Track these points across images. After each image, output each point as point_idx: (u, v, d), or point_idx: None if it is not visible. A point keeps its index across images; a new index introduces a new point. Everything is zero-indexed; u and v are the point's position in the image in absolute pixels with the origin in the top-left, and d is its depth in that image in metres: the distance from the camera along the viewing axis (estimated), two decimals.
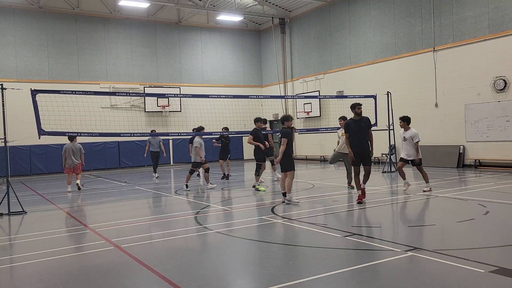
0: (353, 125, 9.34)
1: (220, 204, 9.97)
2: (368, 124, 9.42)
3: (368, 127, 9.37)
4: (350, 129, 9.37)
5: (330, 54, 22.21)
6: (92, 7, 22.34)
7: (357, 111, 9.39)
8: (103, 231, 7.45)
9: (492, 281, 4.35)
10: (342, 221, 7.67)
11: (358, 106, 9.39)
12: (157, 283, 4.76)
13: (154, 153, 17.22)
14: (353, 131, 9.30)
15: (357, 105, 9.41)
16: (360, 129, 9.26)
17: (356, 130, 9.25)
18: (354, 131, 9.28)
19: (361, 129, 9.26)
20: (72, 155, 13.58)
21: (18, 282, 5.18)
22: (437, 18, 16.96)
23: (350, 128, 9.38)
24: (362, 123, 9.31)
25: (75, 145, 13.67)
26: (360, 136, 9.24)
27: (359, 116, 9.39)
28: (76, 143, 13.77)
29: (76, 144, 13.74)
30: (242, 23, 26.31)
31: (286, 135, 9.27)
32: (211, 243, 6.41)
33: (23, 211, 9.60)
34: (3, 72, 20.15)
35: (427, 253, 5.31)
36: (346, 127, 9.50)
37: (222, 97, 13.52)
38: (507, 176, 13.05)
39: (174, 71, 24.52)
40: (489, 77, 15.37)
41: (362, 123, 9.32)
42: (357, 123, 9.33)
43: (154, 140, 17.10)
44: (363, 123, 9.32)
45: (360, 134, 9.24)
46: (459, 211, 8.21)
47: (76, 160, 13.64)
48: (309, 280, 4.56)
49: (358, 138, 9.23)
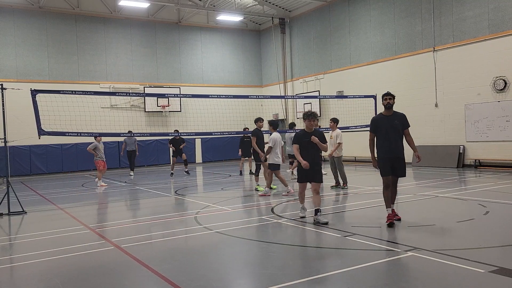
0: (382, 122, 7.12)
1: (220, 204, 9.97)
2: (404, 122, 7.18)
3: (403, 126, 7.16)
4: (377, 128, 7.17)
5: (330, 54, 22.21)
6: (92, 7, 22.34)
7: (384, 103, 7.20)
8: (103, 231, 7.45)
9: (492, 281, 4.35)
10: (342, 221, 7.67)
11: (388, 96, 7.20)
12: (157, 283, 4.76)
13: (129, 152, 18.43)
14: (382, 131, 7.09)
15: (386, 95, 7.24)
16: (392, 128, 7.06)
17: (387, 129, 7.05)
18: (383, 130, 7.07)
19: (393, 128, 7.06)
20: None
21: (18, 282, 5.18)
22: (437, 18, 16.96)
23: (377, 125, 7.18)
24: (395, 120, 7.10)
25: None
26: (391, 137, 7.04)
27: (390, 110, 7.18)
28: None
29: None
30: (242, 23, 26.31)
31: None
32: (211, 243, 6.41)
33: (23, 211, 9.60)
34: (3, 72, 20.15)
35: (427, 253, 5.30)
36: (372, 124, 7.30)
37: (222, 97, 13.53)
38: (507, 176, 13.05)
39: (174, 71, 24.52)
40: (489, 77, 15.37)
41: (395, 120, 7.11)
42: (388, 120, 7.10)
43: (129, 140, 18.30)
44: (396, 120, 7.11)
45: (391, 134, 7.04)
46: (459, 211, 8.21)
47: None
48: (309, 280, 4.56)
49: (388, 140, 7.03)
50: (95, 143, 14.95)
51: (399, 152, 7.07)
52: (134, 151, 18.41)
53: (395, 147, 7.03)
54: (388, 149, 7.02)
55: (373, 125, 7.26)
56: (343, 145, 11.92)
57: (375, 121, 7.27)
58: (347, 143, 20.94)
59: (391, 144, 7.02)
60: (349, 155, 20.17)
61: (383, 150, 7.07)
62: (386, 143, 7.04)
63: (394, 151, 7.03)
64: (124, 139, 18.37)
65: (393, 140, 7.03)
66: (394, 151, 7.03)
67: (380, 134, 7.11)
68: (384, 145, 7.06)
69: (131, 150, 18.40)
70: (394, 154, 7.03)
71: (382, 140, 7.10)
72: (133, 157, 18.55)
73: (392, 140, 7.02)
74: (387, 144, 7.04)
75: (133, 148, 18.35)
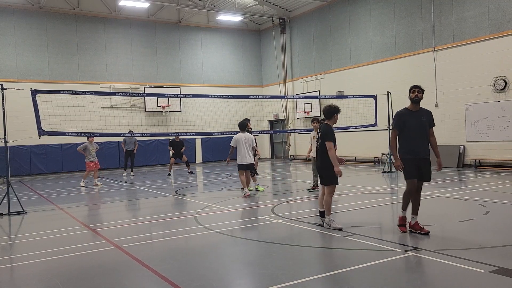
0: (409, 118, 6.30)
1: (220, 204, 9.97)
2: (430, 120, 6.41)
3: (429, 124, 6.38)
4: (405, 124, 6.28)
5: (330, 54, 22.21)
6: (92, 7, 22.34)
7: (411, 96, 6.34)
8: (103, 231, 7.45)
9: (492, 281, 4.35)
10: (342, 221, 7.67)
11: (417, 89, 6.35)
12: (157, 283, 4.76)
13: (129, 152, 18.55)
14: (410, 128, 6.27)
15: (415, 88, 6.37)
16: (419, 125, 6.27)
17: (415, 127, 6.26)
18: (411, 127, 6.27)
19: (420, 126, 6.28)
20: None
21: (18, 282, 5.18)
22: (437, 18, 16.96)
23: (405, 122, 6.28)
24: (422, 117, 6.33)
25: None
26: (419, 135, 6.27)
27: (417, 105, 6.37)
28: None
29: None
30: (242, 23, 26.31)
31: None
32: (211, 243, 6.40)
33: (23, 211, 9.60)
34: (3, 72, 20.15)
35: (427, 253, 5.30)
36: (399, 119, 6.33)
37: (222, 97, 13.51)
38: (507, 176, 13.05)
39: (174, 71, 24.51)
40: (489, 77, 15.37)
41: (422, 116, 6.34)
42: (415, 116, 6.31)
43: (129, 140, 18.45)
44: (423, 117, 6.34)
45: (418, 132, 6.27)
46: (459, 211, 8.21)
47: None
48: (309, 280, 4.56)
49: (416, 138, 6.27)
50: (85, 143, 14.95)
51: (426, 153, 6.29)
52: (133, 150, 18.47)
53: (423, 147, 6.27)
54: (416, 149, 6.24)
55: (399, 120, 6.31)
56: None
57: (402, 116, 6.32)
58: (347, 143, 21.11)
59: (419, 144, 6.25)
60: (349, 155, 20.18)
61: (410, 151, 6.26)
62: (414, 142, 6.24)
63: (422, 152, 6.26)
64: (123, 138, 18.43)
65: (420, 139, 6.27)
66: (422, 152, 6.26)
67: (407, 132, 6.26)
68: (412, 144, 6.24)
69: (130, 150, 18.45)
70: (422, 155, 6.26)
71: (408, 139, 6.27)
72: (132, 157, 18.61)
73: (420, 139, 6.26)
74: (414, 144, 6.24)
75: (132, 148, 18.39)
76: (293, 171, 18.11)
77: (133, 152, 18.56)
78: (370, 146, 19.71)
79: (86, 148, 14.91)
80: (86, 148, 14.91)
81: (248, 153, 10.91)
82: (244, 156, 10.86)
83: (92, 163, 15.04)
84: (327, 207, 6.89)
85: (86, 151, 14.93)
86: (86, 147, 14.90)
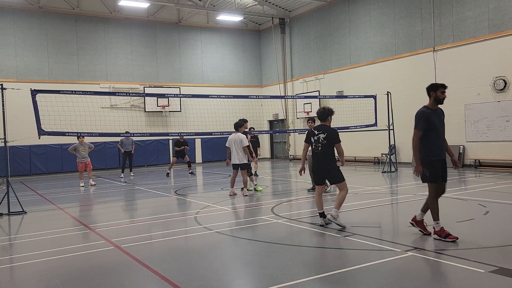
0: (434, 118, 5.95)
1: (220, 204, 9.97)
2: (444, 119, 6.21)
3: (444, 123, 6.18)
4: (432, 124, 5.91)
5: (330, 54, 22.21)
6: (92, 7, 22.34)
7: (441, 97, 6.04)
8: (103, 231, 7.45)
9: (492, 281, 4.35)
10: (342, 221, 7.66)
11: (445, 89, 6.13)
12: (157, 283, 4.76)
13: (127, 153, 18.14)
14: (435, 128, 5.92)
15: (443, 88, 6.12)
16: (441, 124, 6.04)
17: (439, 126, 5.98)
18: (437, 127, 5.94)
19: (442, 125, 6.06)
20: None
21: (18, 282, 5.18)
22: (437, 18, 16.96)
23: (431, 121, 5.90)
24: (441, 116, 6.12)
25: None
26: (442, 135, 6.03)
27: (439, 104, 6.09)
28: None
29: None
30: (242, 23, 26.31)
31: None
32: (211, 243, 6.40)
33: (23, 211, 9.60)
34: (3, 72, 20.15)
35: (427, 253, 5.31)
36: (425, 119, 5.90)
37: (222, 97, 13.52)
38: (507, 176, 13.05)
39: (174, 71, 24.52)
40: (489, 77, 15.37)
41: (441, 115, 6.12)
42: (437, 115, 6.02)
43: (127, 140, 17.96)
44: (442, 116, 6.13)
45: (442, 131, 6.03)
46: (459, 211, 8.21)
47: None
48: (309, 280, 4.56)
49: (441, 138, 6.02)
50: (75, 144, 14.74)
51: (444, 153, 6.12)
52: (130, 151, 18.23)
53: (443, 148, 6.06)
54: (441, 150, 5.99)
55: (426, 120, 5.87)
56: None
57: (428, 115, 5.90)
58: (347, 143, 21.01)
59: (442, 144, 6.03)
60: (349, 155, 20.18)
61: (436, 152, 5.93)
62: (439, 142, 5.96)
63: (443, 152, 6.05)
64: (120, 139, 18.02)
65: (443, 139, 6.05)
66: (443, 153, 6.05)
67: (433, 132, 5.90)
68: (437, 144, 5.94)
69: (128, 151, 18.19)
70: (443, 155, 6.05)
71: (434, 139, 5.92)
72: (130, 158, 18.48)
73: (443, 139, 6.05)
74: (440, 144, 5.97)
75: (130, 148, 18.12)
76: (293, 171, 18.11)
77: (131, 153, 18.42)
78: (370, 146, 19.71)
79: (76, 149, 14.68)
80: (76, 148, 14.67)
81: (237, 153, 10.95)
82: (234, 156, 10.97)
83: (82, 164, 14.76)
84: (339, 202, 6.96)
85: (77, 151, 14.70)
86: (76, 147, 14.66)
